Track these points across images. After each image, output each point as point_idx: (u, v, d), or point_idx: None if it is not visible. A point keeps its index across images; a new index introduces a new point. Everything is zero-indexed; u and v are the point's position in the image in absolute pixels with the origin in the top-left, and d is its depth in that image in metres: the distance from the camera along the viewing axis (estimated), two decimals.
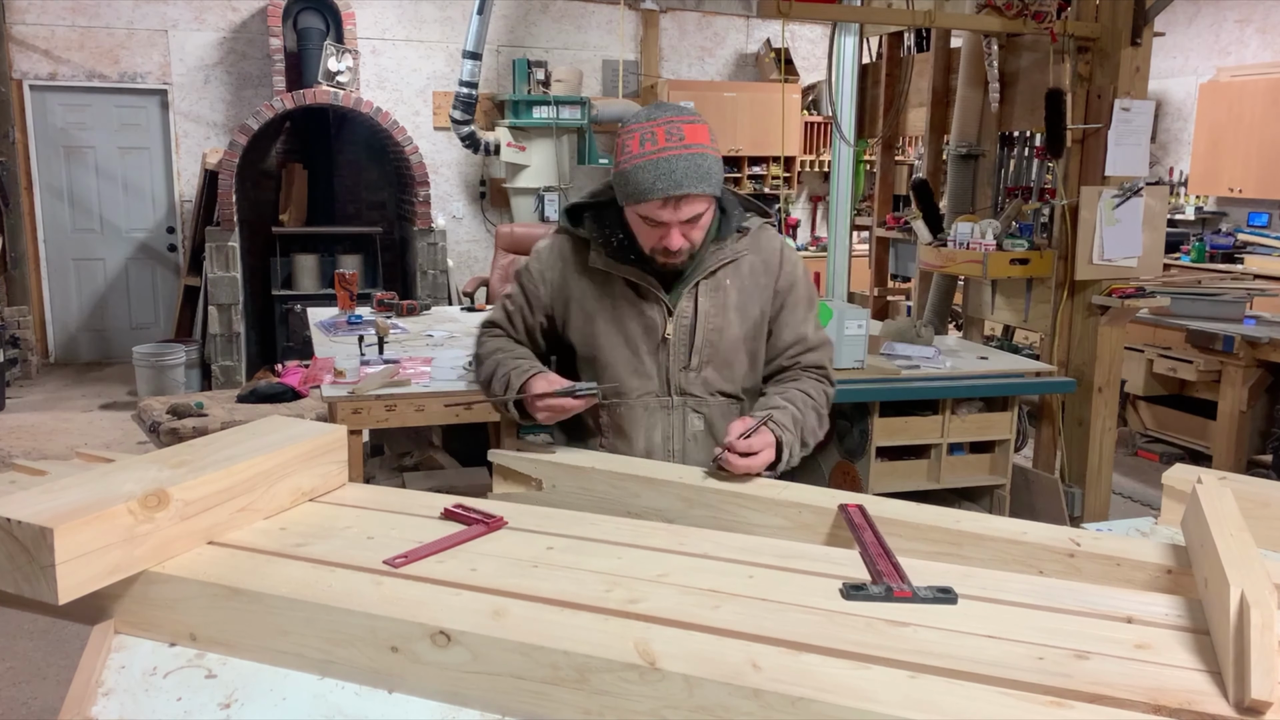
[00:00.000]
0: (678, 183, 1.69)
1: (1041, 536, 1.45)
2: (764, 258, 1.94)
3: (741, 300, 1.92)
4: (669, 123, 1.72)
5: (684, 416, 1.93)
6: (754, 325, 1.93)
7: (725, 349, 1.91)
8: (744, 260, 1.92)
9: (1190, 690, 0.97)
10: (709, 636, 1.07)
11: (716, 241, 1.89)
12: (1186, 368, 5.06)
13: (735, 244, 1.91)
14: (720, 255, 1.89)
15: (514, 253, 7.18)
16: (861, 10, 4.46)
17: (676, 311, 1.89)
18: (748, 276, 1.92)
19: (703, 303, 1.89)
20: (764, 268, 1.94)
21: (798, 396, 1.90)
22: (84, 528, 1.09)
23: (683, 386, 1.92)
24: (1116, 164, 3.67)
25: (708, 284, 1.90)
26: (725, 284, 1.91)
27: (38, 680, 3.17)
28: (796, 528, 1.58)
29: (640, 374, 1.91)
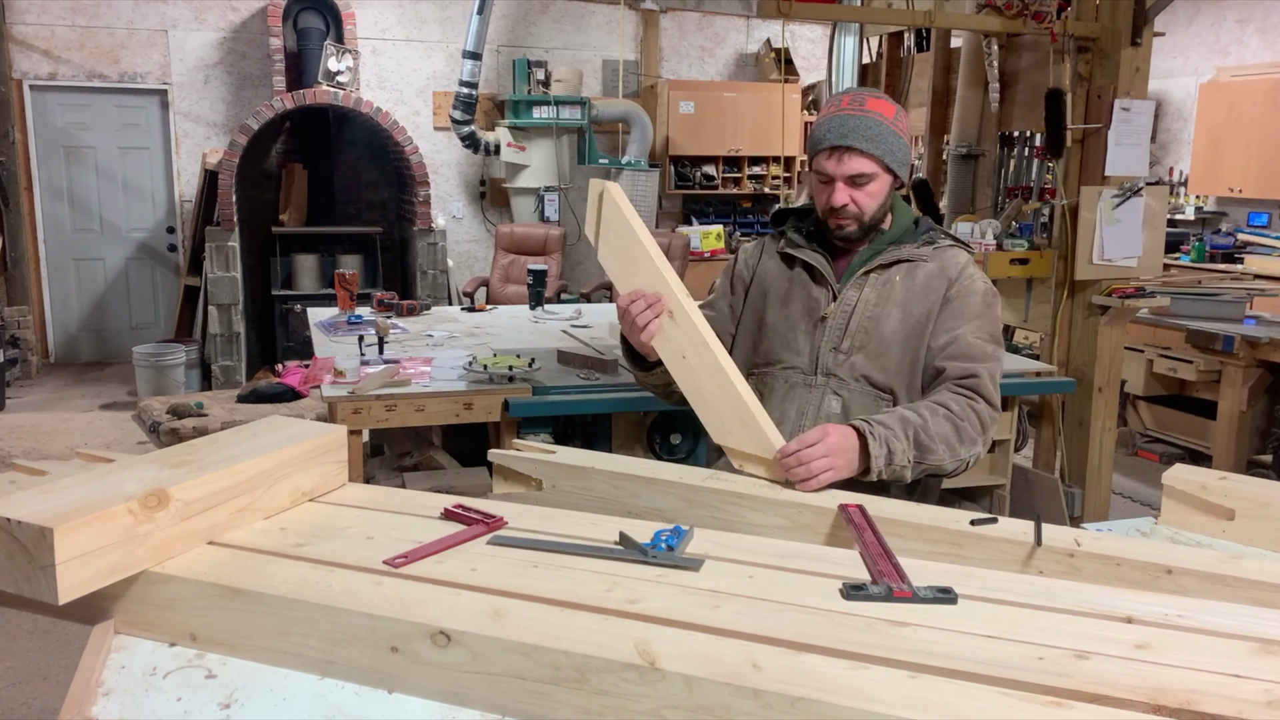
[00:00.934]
0: (843, 135, 1.84)
1: (1042, 536, 1.45)
2: (943, 267, 1.96)
3: (908, 298, 1.94)
4: (856, 94, 1.90)
5: (822, 396, 1.96)
6: (916, 324, 1.94)
7: (879, 339, 1.93)
8: (922, 266, 1.96)
9: (1190, 690, 0.97)
10: (709, 636, 1.07)
11: (898, 243, 1.97)
12: (1186, 368, 5.06)
13: (917, 248, 1.96)
14: (897, 253, 1.96)
15: (514, 253, 7.19)
16: (861, 10, 4.46)
17: (841, 297, 1.96)
18: (921, 280, 1.95)
19: (867, 292, 1.95)
20: (941, 276, 1.95)
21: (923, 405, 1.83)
22: (84, 528, 1.09)
23: (829, 367, 1.95)
24: (1116, 164, 3.67)
25: (878, 276, 1.96)
26: (895, 279, 1.95)
27: (38, 680, 3.17)
28: (796, 528, 1.58)
29: (791, 348, 1.98)
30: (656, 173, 8.12)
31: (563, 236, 7.29)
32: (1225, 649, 1.07)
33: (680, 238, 6.91)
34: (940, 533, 1.48)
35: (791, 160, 8.77)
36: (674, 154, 8.44)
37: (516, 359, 3.26)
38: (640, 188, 7.93)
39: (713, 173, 8.63)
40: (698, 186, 8.63)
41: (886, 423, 1.76)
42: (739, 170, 8.69)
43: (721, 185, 8.69)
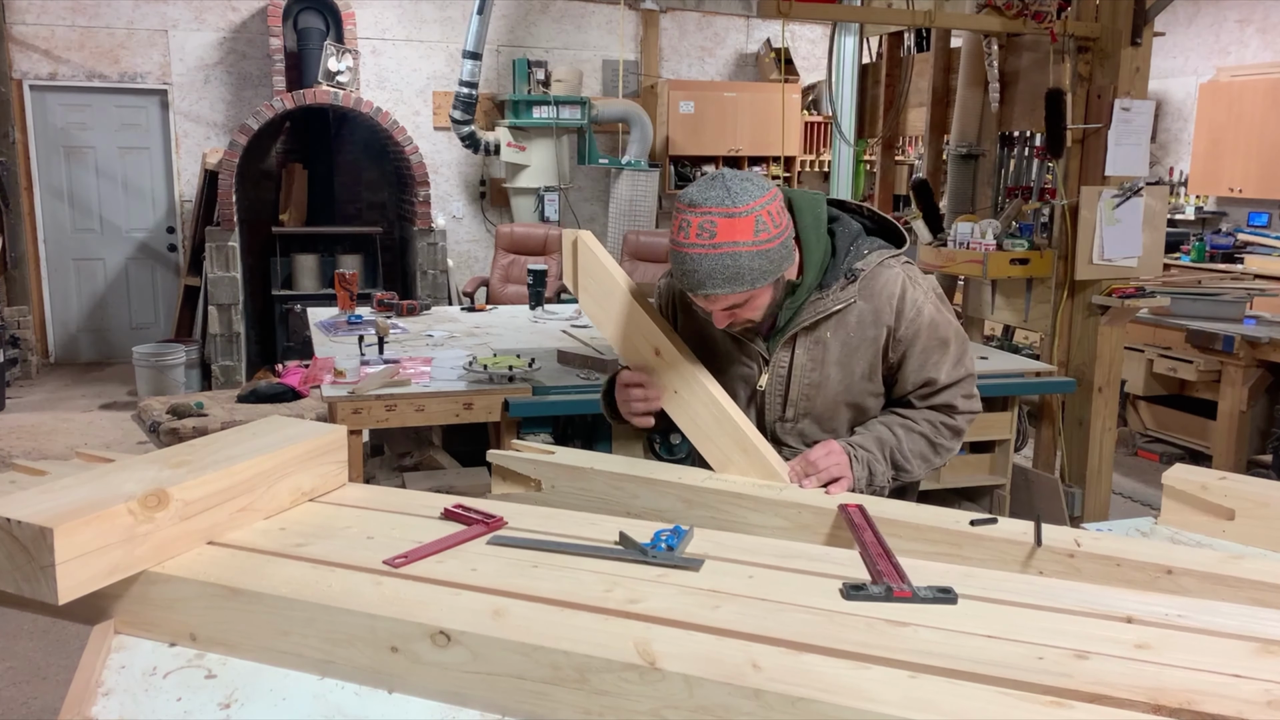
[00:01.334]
0: (699, 282, 1.64)
1: (1041, 537, 1.45)
2: (875, 305, 1.80)
3: (844, 354, 1.82)
4: (705, 214, 1.61)
5: None
6: (859, 379, 1.84)
7: (822, 403, 1.85)
8: (850, 310, 1.80)
9: (1191, 690, 0.97)
10: (709, 636, 1.07)
11: (820, 290, 1.79)
12: (1186, 368, 5.06)
13: (840, 292, 1.78)
14: (820, 306, 1.79)
15: (514, 253, 7.19)
16: (861, 10, 4.46)
17: (773, 362, 1.84)
18: (854, 328, 1.81)
19: (799, 356, 1.82)
20: (874, 318, 1.80)
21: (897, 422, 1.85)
22: (84, 528, 1.09)
23: (779, 437, 1.87)
24: (1116, 164, 3.67)
25: (806, 337, 1.82)
26: (826, 337, 1.81)
27: (38, 680, 3.17)
28: (796, 528, 1.58)
29: None
30: (656, 173, 8.12)
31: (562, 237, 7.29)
32: (1225, 649, 1.07)
33: None
34: (940, 533, 1.48)
35: (792, 160, 8.77)
36: (674, 154, 8.44)
37: (516, 359, 3.26)
38: (640, 188, 7.93)
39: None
40: None
41: (866, 446, 1.79)
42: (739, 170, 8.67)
43: None
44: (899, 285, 1.81)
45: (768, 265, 1.65)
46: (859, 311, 1.80)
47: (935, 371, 1.84)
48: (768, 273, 1.66)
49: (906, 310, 1.80)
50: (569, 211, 8.28)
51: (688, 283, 1.66)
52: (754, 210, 1.62)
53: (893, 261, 1.83)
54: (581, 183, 8.51)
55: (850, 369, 1.83)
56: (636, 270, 6.83)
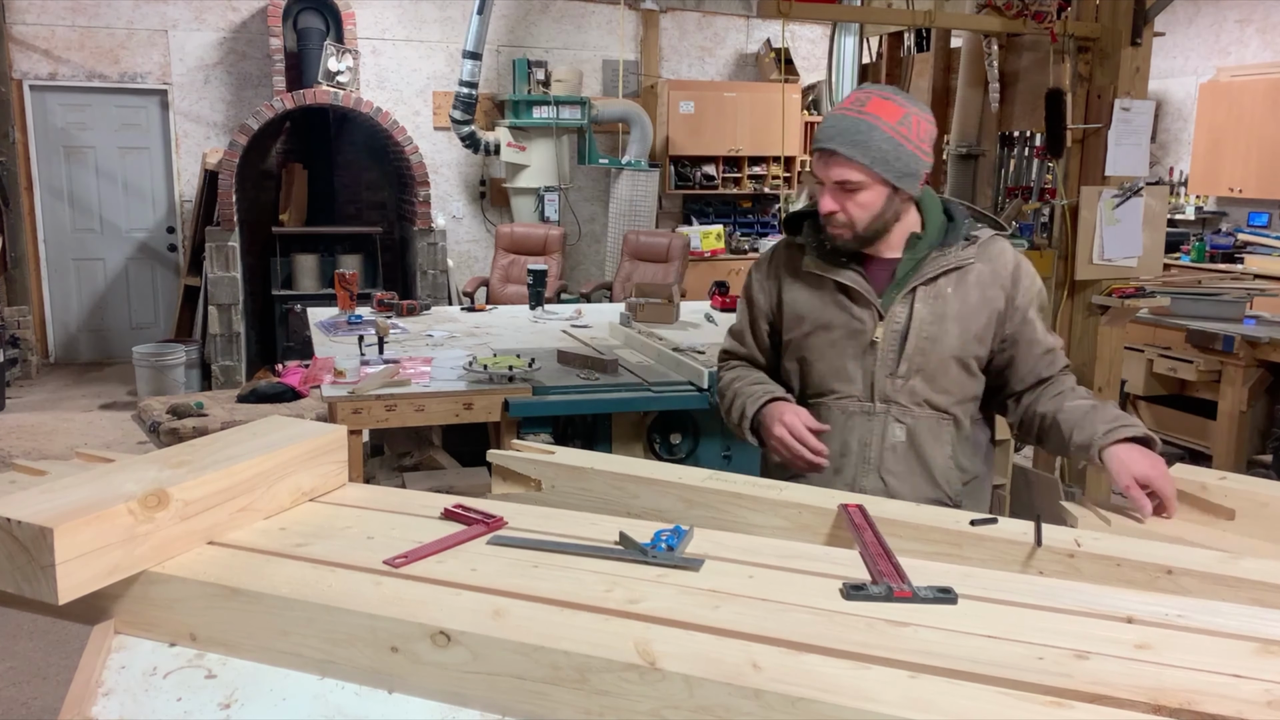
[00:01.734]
0: (830, 137, 1.74)
1: (1042, 537, 1.45)
2: (994, 267, 1.86)
3: (964, 311, 1.83)
4: (865, 92, 1.78)
5: (885, 425, 1.86)
6: (974, 340, 1.85)
7: (938, 359, 1.84)
8: (970, 269, 1.84)
9: (1191, 690, 0.97)
10: (709, 636, 1.07)
11: (940, 248, 1.84)
12: (1186, 368, 5.06)
13: (961, 251, 1.83)
14: (942, 262, 1.83)
15: (514, 252, 7.19)
16: (861, 10, 4.47)
17: (889, 316, 1.84)
18: (974, 286, 1.84)
19: (919, 309, 1.83)
20: (993, 278, 1.85)
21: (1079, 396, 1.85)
22: (84, 528, 1.09)
23: (888, 394, 1.85)
24: (1116, 164, 3.67)
25: (926, 290, 1.83)
26: (947, 292, 1.83)
27: (38, 680, 3.17)
28: (796, 528, 1.58)
29: (842, 377, 1.87)
30: (656, 173, 8.12)
31: (563, 236, 7.30)
32: (1226, 649, 1.07)
33: (680, 238, 6.91)
34: (940, 533, 1.48)
35: (792, 160, 8.77)
36: (674, 154, 8.44)
37: (516, 359, 3.26)
38: (640, 188, 7.93)
39: (713, 172, 8.63)
40: (698, 186, 8.63)
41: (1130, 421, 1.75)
42: (739, 170, 8.68)
43: (721, 185, 8.69)
44: (1014, 255, 1.89)
45: (894, 156, 1.73)
46: (978, 272, 1.84)
47: (1050, 339, 1.90)
48: (889, 166, 1.73)
49: (1023, 279, 1.87)
50: (569, 211, 8.28)
51: (821, 136, 1.75)
52: (907, 109, 1.75)
53: (1003, 239, 1.91)
54: (581, 183, 8.51)
55: (967, 326, 1.84)
56: (637, 270, 6.83)
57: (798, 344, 1.93)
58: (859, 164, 1.73)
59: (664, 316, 4.14)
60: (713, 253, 8.12)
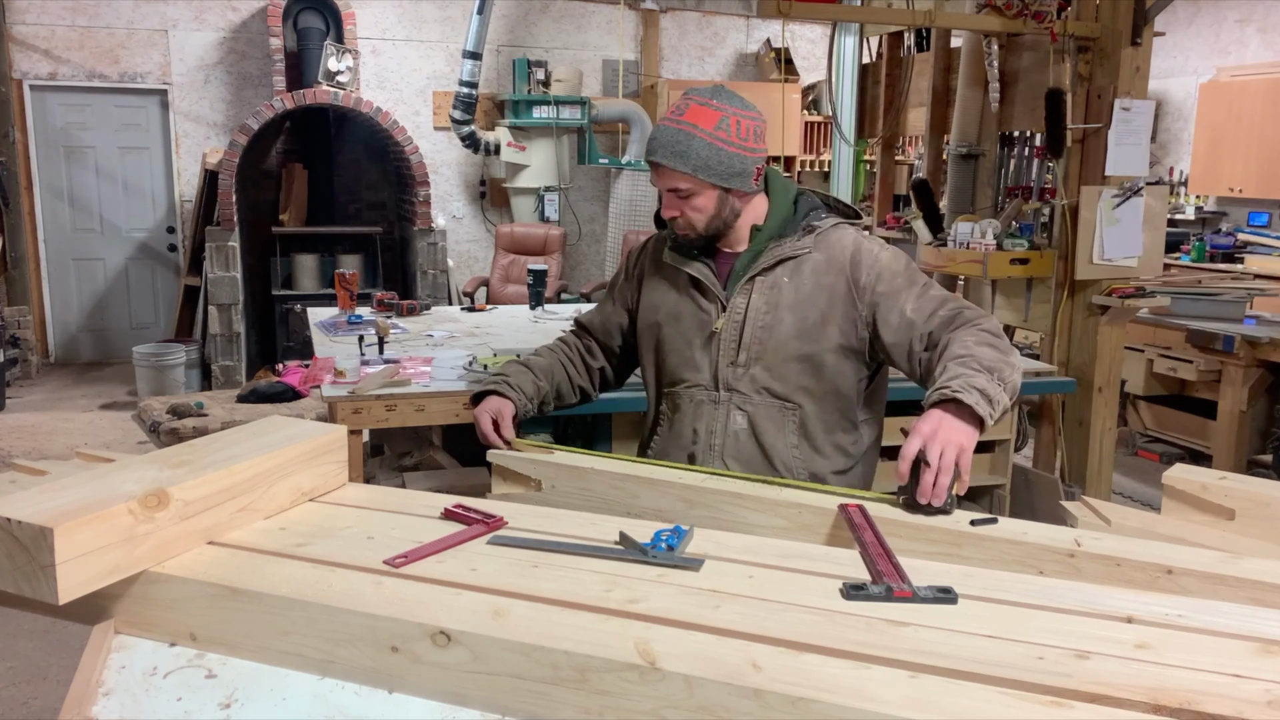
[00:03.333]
0: (653, 149, 1.80)
1: (1041, 536, 1.45)
2: (830, 255, 1.88)
3: (797, 299, 1.87)
4: (685, 99, 1.82)
5: (728, 413, 1.91)
6: (811, 327, 1.86)
7: (774, 347, 1.87)
8: (806, 259, 1.88)
9: (1191, 690, 0.97)
10: (709, 636, 1.07)
11: (777, 239, 1.89)
12: (1186, 368, 5.06)
13: (797, 241, 1.88)
14: (778, 252, 1.88)
15: (514, 252, 7.19)
16: (861, 10, 4.46)
17: (730, 307, 1.90)
18: (809, 276, 1.87)
19: (755, 299, 1.88)
20: (829, 266, 1.87)
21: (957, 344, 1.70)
22: (84, 527, 1.09)
23: (730, 382, 1.91)
24: (1116, 164, 3.67)
25: (763, 280, 1.89)
26: (782, 281, 1.88)
27: (38, 680, 3.17)
28: (796, 528, 1.58)
29: (691, 365, 1.94)
30: None
31: (563, 236, 7.30)
32: (1226, 649, 1.07)
33: None
34: (940, 533, 1.48)
35: (792, 160, 8.77)
36: None
37: (516, 359, 3.25)
38: (640, 188, 7.93)
39: None
40: None
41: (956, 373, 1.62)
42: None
43: None
44: (852, 240, 1.90)
45: (714, 162, 1.79)
46: (814, 261, 1.88)
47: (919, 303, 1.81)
48: (712, 170, 1.79)
49: (863, 259, 1.87)
50: (569, 211, 8.28)
51: (648, 147, 1.82)
52: (725, 111, 1.80)
53: (848, 227, 1.94)
54: (581, 183, 8.51)
55: (803, 316, 1.86)
56: None
57: (652, 331, 2.02)
58: (683, 173, 1.79)
59: None
60: None
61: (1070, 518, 1.66)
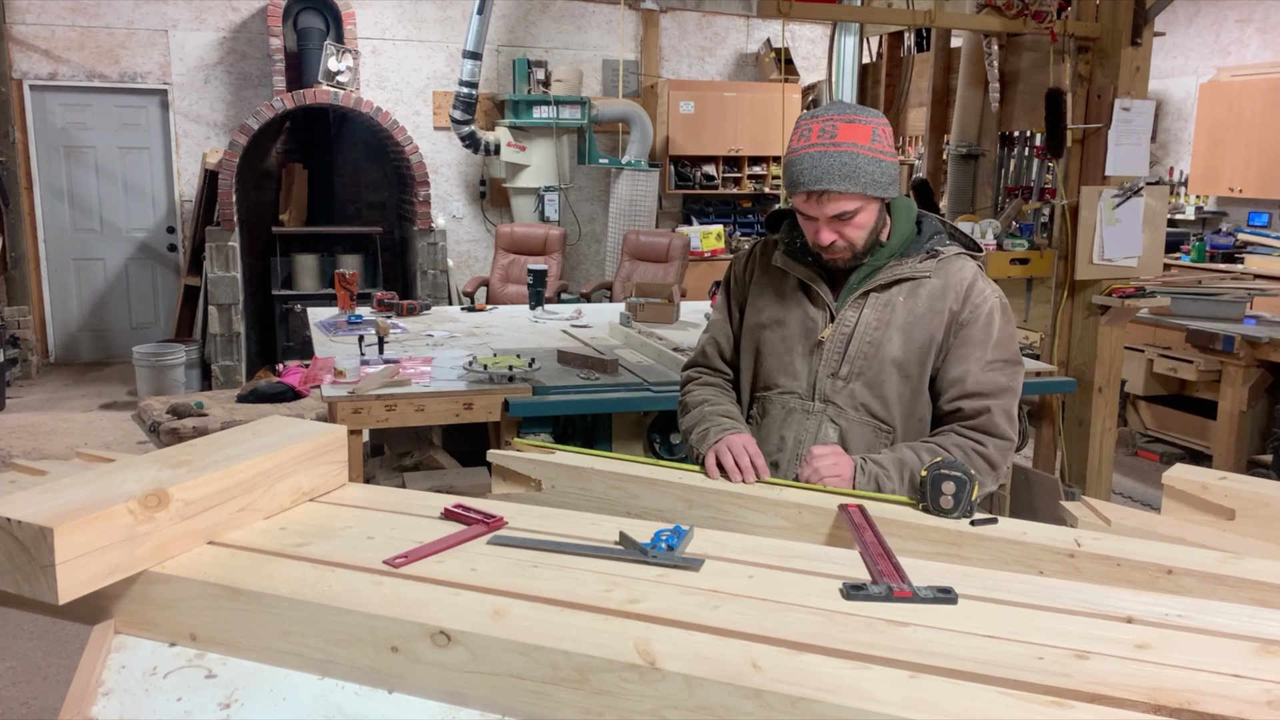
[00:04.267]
0: (816, 178, 1.72)
1: (1041, 537, 1.45)
2: (948, 283, 1.84)
3: (909, 321, 1.83)
4: (826, 120, 1.75)
5: (820, 424, 1.88)
6: (918, 351, 1.83)
7: (879, 366, 1.83)
8: (924, 283, 1.84)
9: (1191, 690, 0.97)
10: (709, 636, 1.07)
11: (899, 257, 1.85)
12: (1186, 368, 5.06)
13: (919, 263, 1.84)
14: (897, 270, 1.84)
15: (514, 252, 7.19)
16: (861, 10, 4.46)
17: (839, 318, 1.86)
18: (924, 299, 1.83)
19: (866, 314, 1.84)
20: (944, 293, 1.83)
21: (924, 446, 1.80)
22: (84, 527, 1.09)
23: (827, 394, 1.87)
24: (1116, 164, 3.67)
25: (878, 297, 1.85)
26: (897, 300, 1.84)
27: (38, 680, 3.17)
28: (796, 528, 1.58)
29: (788, 372, 1.91)
30: (656, 173, 8.12)
31: (563, 236, 7.30)
32: (1225, 649, 1.07)
33: (680, 238, 6.91)
34: (940, 533, 1.48)
35: None
36: (674, 154, 8.44)
37: (516, 359, 3.26)
38: (640, 188, 7.93)
39: (713, 172, 8.63)
40: (698, 186, 8.63)
41: (882, 463, 1.76)
42: (739, 170, 8.68)
43: (721, 185, 8.69)
44: (973, 274, 1.86)
45: (880, 175, 1.75)
46: (931, 289, 1.84)
47: (969, 366, 1.82)
48: (880, 184, 1.75)
49: (973, 297, 1.83)
50: (569, 211, 8.28)
51: (804, 180, 1.73)
52: (871, 122, 1.75)
53: (970, 259, 1.89)
54: (581, 183, 8.51)
55: (912, 337, 1.83)
56: (637, 270, 6.83)
57: (754, 333, 1.98)
58: (855, 194, 1.74)
59: (664, 316, 4.14)
60: (713, 253, 8.11)
61: (1070, 518, 1.66)
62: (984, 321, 1.82)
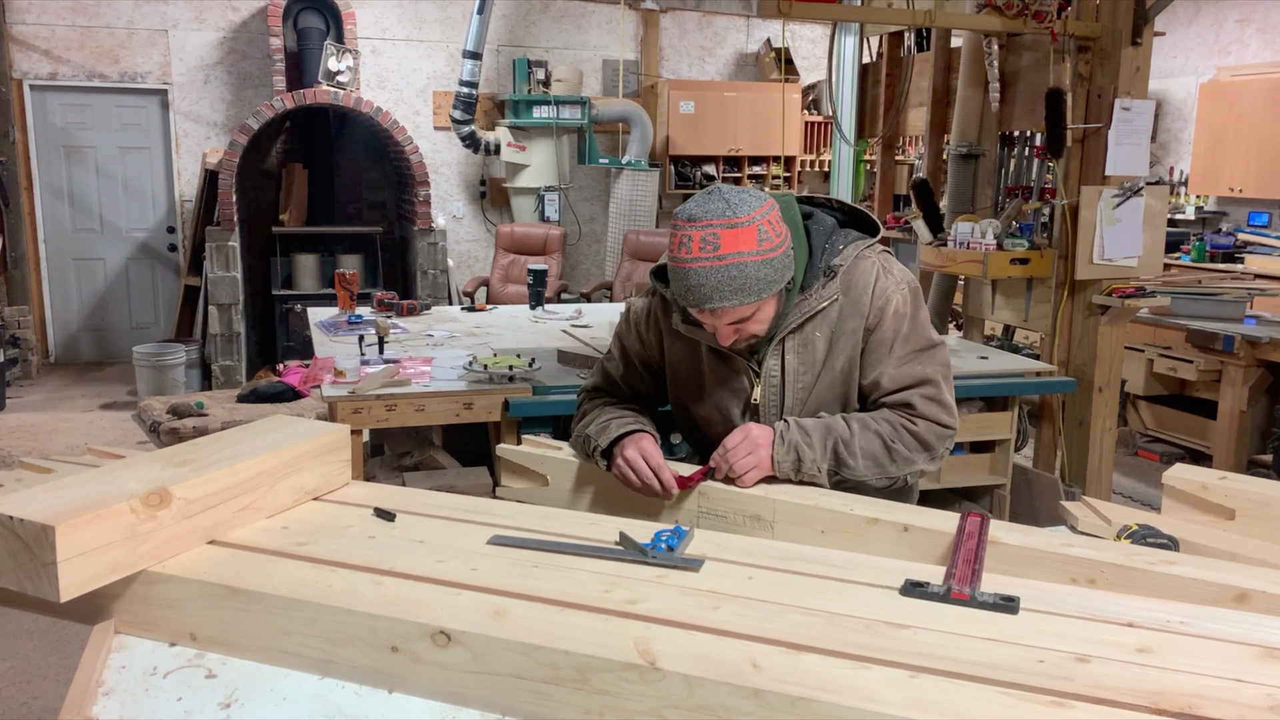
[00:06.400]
0: (706, 296, 1.61)
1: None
2: (854, 298, 1.77)
3: (831, 352, 1.78)
4: (706, 228, 1.59)
5: None
6: (844, 371, 1.80)
7: (816, 406, 1.80)
8: (832, 307, 1.77)
9: (1192, 694, 0.97)
10: (709, 636, 1.07)
11: (802, 292, 1.76)
12: (1187, 367, 5.06)
13: (823, 290, 1.76)
14: (805, 307, 1.76)
15: (514, 252, 7.19)
16: (861, 10, 4.46)
17: (764, 373, 1.80)
18: (837, 323, 1.78)
19: (789, 361, 1.79)
20: (853, 310, 1.77)
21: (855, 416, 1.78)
22: (86, 526, 1.09)
23: None
24: (1117, 164, 3.67)
25: (794, 340, 1.78)
26: (814, 337, 1.78)
27: (38, 680, 3.17)
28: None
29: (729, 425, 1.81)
30: (656, 172, 8.12)
31: (563, 236, 7.30)
32: (1227, 654, 1.07)
33: None
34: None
35: (792, 160, 8.77)
36: (674, 154, 8.44)
37: (516, 359, 3.25)
38: (640, 187, 7.93)
39: (713, 172, 8.63)
40: (698, 186, 8.62)
41: (807, 428, 1.71)
42: (739, 170, 8.68)
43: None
44: (873, 275, 1.78)
45: (773, 274, 1.63)
46: (841, 307, 1.78)
47: (884, 364, 1.79)
48: (774, 282, 1.64)
49: (877, 301, 1.78)
50: (569, 211, 8.28)
51: (694, 298, 1.62)
52: (755, 220, 1.61)
53: (868, 251, 1.80)
54: (581, 182, 8.51)
55: (835, 364, 1.79)
56: (637, 270, 6.83)
57: (682, 407, 1.92)
58: (750, 303, 1.64)
59: None
60: None
61: (1070, 518, 1.66)
62: (890, 322, 1.78)
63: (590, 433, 1.80)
